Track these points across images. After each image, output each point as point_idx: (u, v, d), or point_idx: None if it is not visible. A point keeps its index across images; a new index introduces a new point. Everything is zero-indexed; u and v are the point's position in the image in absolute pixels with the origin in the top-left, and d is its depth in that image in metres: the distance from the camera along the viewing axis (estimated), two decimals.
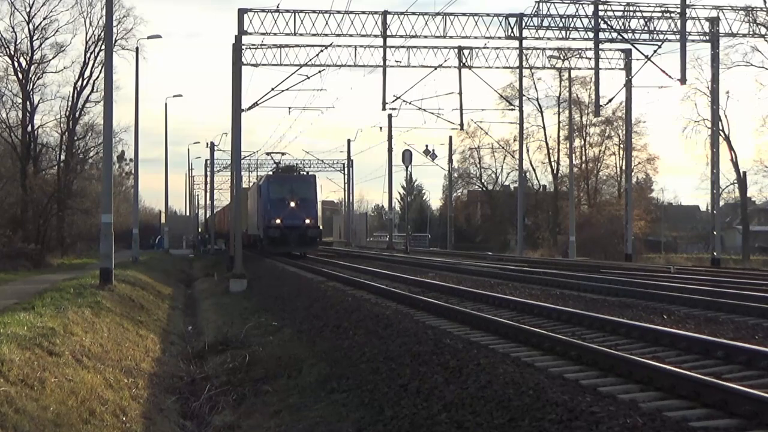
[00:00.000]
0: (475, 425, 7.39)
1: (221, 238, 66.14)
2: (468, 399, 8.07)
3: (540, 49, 38.17)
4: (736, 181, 56.73)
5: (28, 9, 44.87)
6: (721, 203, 47.17)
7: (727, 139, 54.41)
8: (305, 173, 45.07)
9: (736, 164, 56.17)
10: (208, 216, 79.03)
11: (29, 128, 45.82)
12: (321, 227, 42.28)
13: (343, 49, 34.43)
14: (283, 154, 48.04)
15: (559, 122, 66.44)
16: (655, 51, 33.55)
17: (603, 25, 34.14)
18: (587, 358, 9.33)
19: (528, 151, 66.20)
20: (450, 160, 66.05)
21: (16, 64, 45.13)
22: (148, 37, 43.47)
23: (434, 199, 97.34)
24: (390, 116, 54.20)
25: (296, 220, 39.15)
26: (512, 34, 34.55)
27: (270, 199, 39.78)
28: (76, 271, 32.60)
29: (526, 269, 27.57)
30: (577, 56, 39.46)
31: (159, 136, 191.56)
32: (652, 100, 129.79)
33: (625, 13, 33.94)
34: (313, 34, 32.50)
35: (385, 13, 33.00)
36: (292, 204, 39.38)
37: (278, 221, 39.24)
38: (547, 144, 68.54)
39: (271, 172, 43.65)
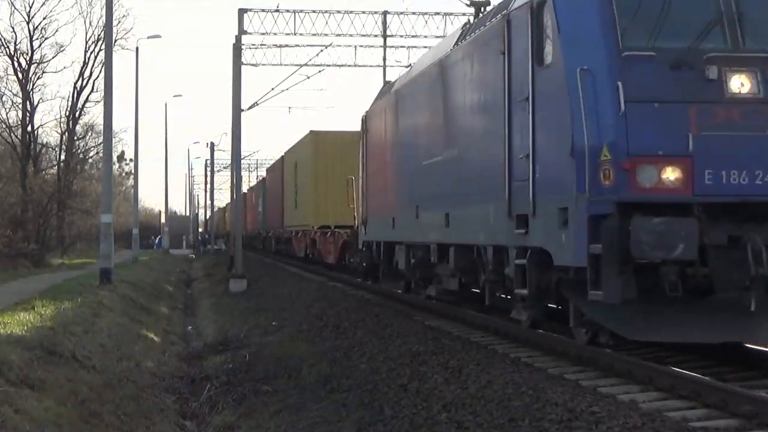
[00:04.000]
0: (475, 425, 7.39)
1: (220, 238, 66.11)
2: (468, 399, 8.07)
3: None
4: None
5: (27, 9, 44.79)
6: None
7: None
8: None
9: None
10: (208, 216, 79.12)
11: (29, 128, 45.75)
12: None
13: (343, 49, 34.45)
14: None
15: None
16: None
17: None
18: (587, 358, 9.33)
19: None
20: None
21: (16, 64, 45.07)
22: (148, 37, 43.63)
23: None
24: None
25: None
26: None
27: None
28: (76, 271, 32.59)
29: None
30: None
31: (159, 136, 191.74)
32: None
33: None
34: (313, 34, 32.48)
35: (385, 13, 33.03)
36: None
37: None
38: None
39: None
